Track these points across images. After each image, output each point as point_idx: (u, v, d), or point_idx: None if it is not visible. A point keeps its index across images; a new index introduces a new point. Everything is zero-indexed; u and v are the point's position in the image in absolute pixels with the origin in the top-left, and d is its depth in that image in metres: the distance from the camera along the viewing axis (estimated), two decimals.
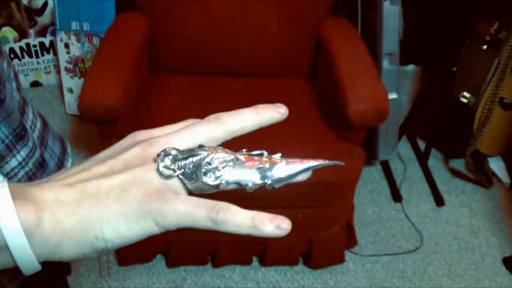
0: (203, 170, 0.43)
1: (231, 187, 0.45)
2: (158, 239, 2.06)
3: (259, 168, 0.44)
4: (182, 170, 0.43)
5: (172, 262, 2.16)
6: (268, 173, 0.44)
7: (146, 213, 0.42)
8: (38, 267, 0.42)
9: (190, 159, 0.43)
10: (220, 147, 0.45)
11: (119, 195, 0.42)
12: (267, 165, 0.44)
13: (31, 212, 0.40)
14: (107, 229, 0.42)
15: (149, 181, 0.43)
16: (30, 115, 0.88)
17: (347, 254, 2.28)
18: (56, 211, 0.41)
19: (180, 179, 0.44)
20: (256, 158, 0.45)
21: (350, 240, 2.23)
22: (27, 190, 0.41)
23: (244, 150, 0.46)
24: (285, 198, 1.90)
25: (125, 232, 0.42)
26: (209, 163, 0.43)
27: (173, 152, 0.43)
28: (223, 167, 0.43)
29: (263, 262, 2.19)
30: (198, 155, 0.43)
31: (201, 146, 0.44)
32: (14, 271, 0.93)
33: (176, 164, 0.43)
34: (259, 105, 0.48)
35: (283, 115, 0.48)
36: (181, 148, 0.44)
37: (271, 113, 0.48)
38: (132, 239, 0.43)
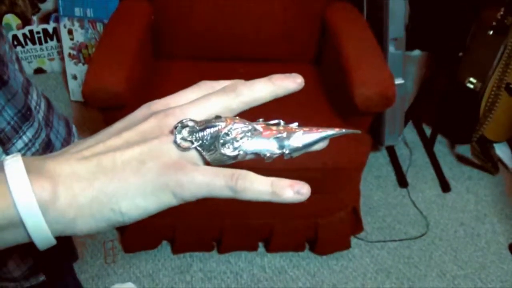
0: (221, 141, 0.43)
1: (249, 157, 0.44)
2: (163, 225, 2.06)
3: (276, 138, 0.44)
4: (200, 142, 0.43)
5: (177, 249, 2.16)
6: (286, 143, 0.44)
7: (164, 185, 0.41)
8: (53, 242, 0.41)
9: (208, 130, 0.43)
10: (237, 118, 0.44)
11: (135, 167, 0.41)
12: (284, 135, 0.44)
13: (47, 187, 0.39)
14: (124, 202, 0.41)
15: (166, 153, 0.42)
16: (34, 96, 0.88)
17: (353, 240, 2.28)
18: (72, 186, 0.40)
19: (198, 151, 0.43)
20: (273, 127, 0.44)
21: (356, 226, 2.23)
22: (42, 164, 0.41)
23: (260, 119, 0.45)
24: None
25: (143, 205, 0.42)
26: (227, 134, 0.43)
27: (190, 124, 0.43)
28: (241, 138, 0.43)
29: (269, 248, 2.19)
30: (215, 126, 0.43)
31: (218, 117, 0.44)
32: (21, 257, 0.93)
33: (194, 136, 0.42)
34: (275, 75, 0.47)
35: (299, 85, 0.47)
36: (198, 119, 0.44)
37: (287, 83, 0.47)
38: (149, 212, 0.42)
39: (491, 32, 2.31)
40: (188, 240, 2.13)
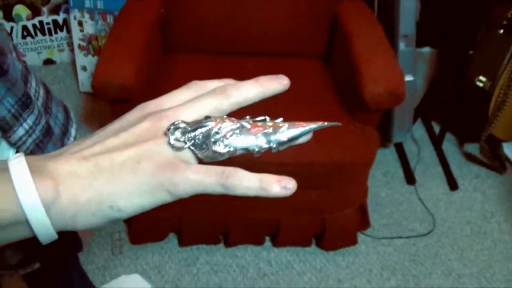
0: (212, 139, 0.45)
1: (239, 153, 0.46)
2: (171, 218, 2.07)
3: (263, 133, 0.46)
4: (192, 141, 0.45)
5: (184, 241, 2.17)
6: (272, 138, 0.46)
7: (159, 184, 0.43)
8: (55, 236, 0.44)
9: (199, 130, 0.45)
10: (226, 117, 0.47)
11: (132, 168, 0.43)
12: (270, 130, 0.47)
13: (49, 187, 0.41)
14: (121, 200, 0.43)
15: (160, 153, 0.44)
16: (33, 83, 0.89)
17: (360, 236, 2.28)
18: (72, 185, 0.42)
19: (191, 150, 0.46)
20: (260, 124, 0.47)
21: (363, 222, 2.23)
22: (43, 164, 0.43)
23: (247, 117, 0.48)
24: (299, 178, 1.90)
25: (139, 202, 0.44)
26: (217, 133, 0.45)
27: (182, 125, 0.45)
28: (230, 135, 0.46)
29: (276, 243, 2.19)
30: (206, 126, 0.45)
31: (207, 117, 0.46)
32: (18, 245, 0.94)
33: (186, 136, 0.45)
34: (262, 76, 0.49)
35: (285, 86, 0.49)
36: (189, 120, 0.46)
37: (274, 85, 0.49)
38: (145, 208, 0.45)
39: (501, 31, 2.30)
40: (195, 233, 2.14)
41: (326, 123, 0.49)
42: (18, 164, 0.41)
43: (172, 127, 0.45)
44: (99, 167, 0.43)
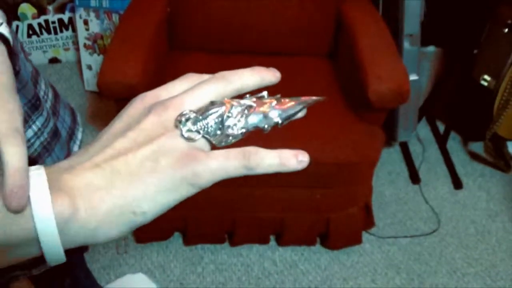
0: (226, 123, 0.44)
1: (250, 130, 0.46)
2: (175, 217, 2.07)
3: (270, 110, 0.46)
4: (205, 129, 0.44)
5: (189, 240, 2.17)
6: (278, 113, 0.47)
7: (182, 178, 0.42)
8: (63, 260, 0.42)
9: (211, 117, 0.44)
10: (232, 99, 0.46)
11: (150, 167, 0.41)
12: (275, 106, 0.47)
13: (65, 203, 0.39)
14: (145, 203, 0.41)
15: (175, 147, 0.42)
16: (43, 85, 0.89)
17: (364, 235, 2.28)
18: (90, 197, 0.40)
19: (205, 138, 0.44)
20: (263, 100, 0.47)
21: (368, 221, 2.23)
22: (58, 178, 0.40)
23: (247, 95, 0.47)
24: (304, 178, 1.90)
25: (163, 201, 0.42)
26: (229, 116, 0.44)
27: (192, 115, 0.43)
28: (241, 116, 0.45)
29: (281, 242, 2.19)
30: (217, 111, 0.44)
31: (213, 102, 0.45)
32: None
33: (198, 125, 0.43)
34: (257, 67, 0.49)
35: (278, 78, 0.50)
36: (194, 108, 0.45)
37: (269, 75, 0.49)
38: (169, 206, 0.43)
39: (506, 30, 2.29)
40: (200, 232, 2.14)
41: (320, 97, 0.51)
42: (37, 177, 0.39)
43: (183, 119, 0.43)
44: (115, 172, 0.41)
